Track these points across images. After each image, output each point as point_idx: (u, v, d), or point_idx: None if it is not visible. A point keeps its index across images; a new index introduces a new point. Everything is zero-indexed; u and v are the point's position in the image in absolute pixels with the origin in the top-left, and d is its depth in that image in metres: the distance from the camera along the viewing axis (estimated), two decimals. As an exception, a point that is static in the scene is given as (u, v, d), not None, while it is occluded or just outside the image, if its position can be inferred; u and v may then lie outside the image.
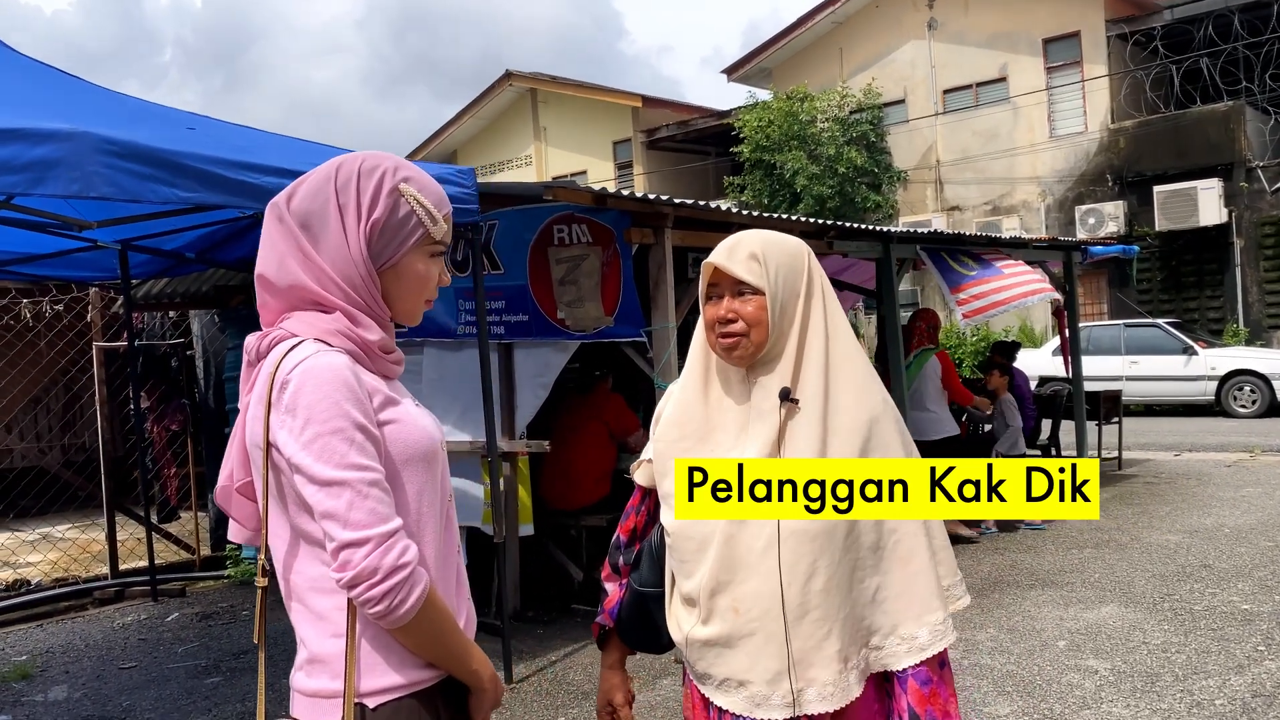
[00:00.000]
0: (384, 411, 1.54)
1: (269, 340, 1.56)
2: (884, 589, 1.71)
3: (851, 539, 1.69)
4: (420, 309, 1.67)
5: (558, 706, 4.48)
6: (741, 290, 1.74)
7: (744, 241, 1.77)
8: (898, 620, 1.70)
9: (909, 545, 1.72)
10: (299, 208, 1.57)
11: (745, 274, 1.73)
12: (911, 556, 1.72)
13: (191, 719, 4.53)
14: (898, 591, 1.71)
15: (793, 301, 1.74)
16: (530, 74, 26.33)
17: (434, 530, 1.60)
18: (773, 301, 1.72)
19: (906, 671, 1.69)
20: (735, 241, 1.78)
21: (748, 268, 1.73)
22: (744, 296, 1.73)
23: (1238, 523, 7.45)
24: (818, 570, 1.67)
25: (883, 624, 1.71)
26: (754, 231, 1.81)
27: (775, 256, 1.75)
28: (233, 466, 1.63)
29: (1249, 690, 4.21)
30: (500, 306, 5.82)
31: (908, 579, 1.72)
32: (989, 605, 5.68)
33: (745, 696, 1.71)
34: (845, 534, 1.69)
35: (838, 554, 1.68)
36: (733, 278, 1.74)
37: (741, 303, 1.73)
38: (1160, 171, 17.67)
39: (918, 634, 1.70)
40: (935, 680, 1.70)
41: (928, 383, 7.48)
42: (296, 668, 1.57)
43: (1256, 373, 14.62)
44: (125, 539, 7.52)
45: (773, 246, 1.76)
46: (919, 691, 1.68)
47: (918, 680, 1.69)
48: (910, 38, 20.88)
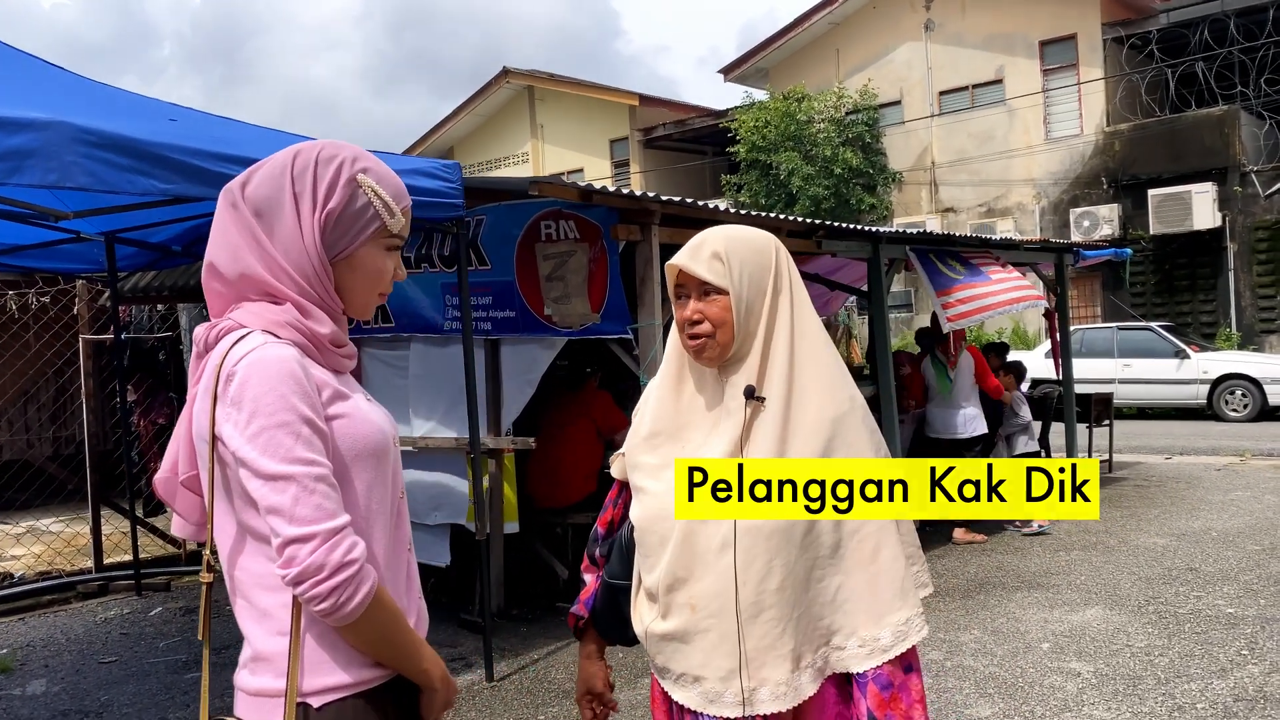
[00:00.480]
0: (333, 406, 1.51)
1: (217, 331, 1.53)
2: (845, 589, 1.69)
3: (810, 538, 1.67)
4: (374, 303, 1.65)
5: (538, 705, 4.46)
6: (707, 291, 1.72)
7: (708, 241, 1.74)
8: (858, 621, 1.68)
9: (873, 543, 1.70)
10: (254, 194, 1.54)
11: (708, 275, 1.71)
12: (875, 555, 1.69)
13: (170, 714, 4.52)
14: (859, 592, 1.69)
15: (759, 300, 1.72)
16: (528, 71, 26.31)
17: (383, 527, 1.57)
18: (737, 302, 1.70)
19: (866, 675, 1.66)
20: (700, 241, 1.76)
21: (710, 268, 1.71)
22: (709, 297, 1.72)
23: (1226, 526, 7.44)
24: (773, 569, 1.65)
25: (844, 624, 1.68)
26: (720, 229, 1.78)
27: (740, 254, 1.72)
28: (177, 458, 1.60)
29: (1231, 694, 4.20)
30: (488, 302, 5.80)
31: (870, 579, 1.69)
32: (974, 607, 5.67)
33: (700, 692, 1.70)
34: (804, 533, 1.67)
35: (794, 553, 1.66)
36: (697, 279, 1.72)
37: (707, 304, 1.71)
38: (1155, 175, 17.68)
39: (879, 635, 1.67)
40: (896, 685, 1.66)
41: (962, 378, 7.57)
42: (240, 666, 1.54)
43: (1248, 377, 14.63)
44: (111, 533, 7.49)
45: (738, 244, 1.74)
46: (878, 696, 1.65)
47: (878, 684, 1.66)
48: (907, 39, 20.88)
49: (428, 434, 6.04)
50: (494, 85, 26.43)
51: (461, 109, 27.22)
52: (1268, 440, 12.25)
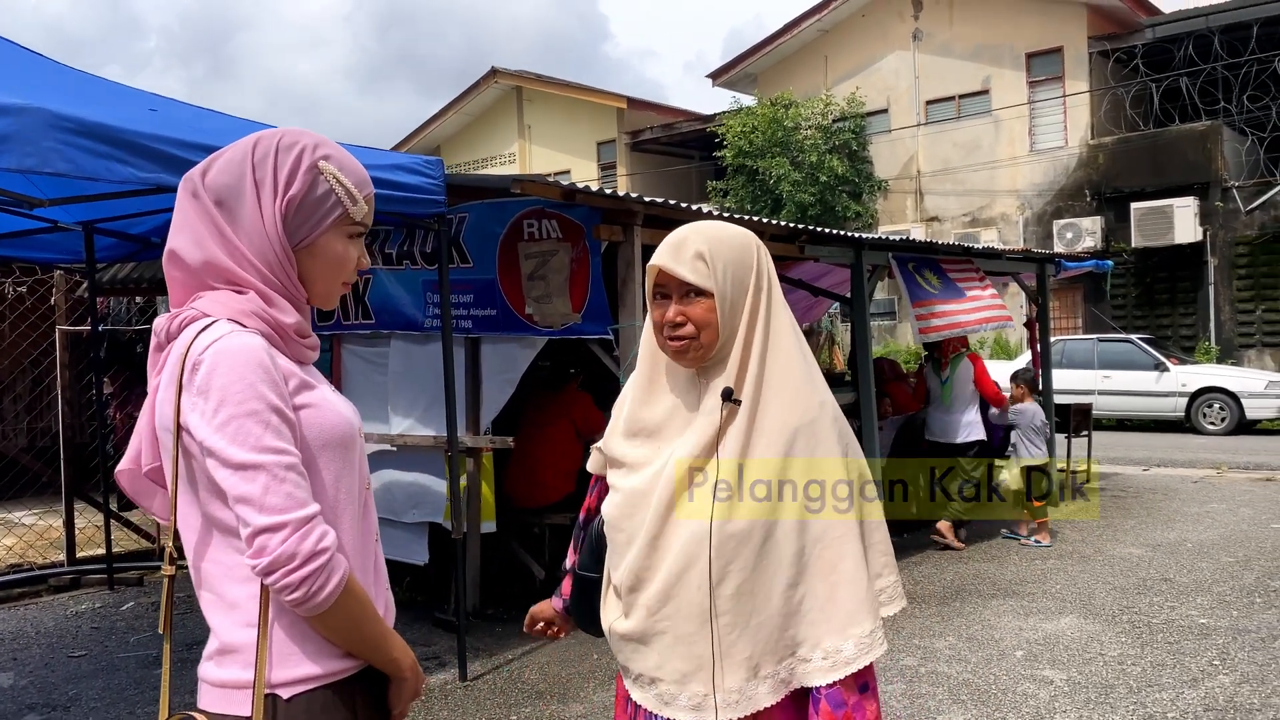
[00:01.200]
0: (300, 395, 1.50)
1: (179, 321, 1.51)
2: (809, 599, 1.64)
3: (770, 545, 1.63)
4: (337, 291, 1.63)
5: (511, 705, 4.44)
6: (689, 292, 1.67)
7: (690, 240, 1.69)
8: (822, 632, 1.63)
9: (836, 551, 1.65)
10: (214, 182, 1.52)
11: (692, 276, 1.66)
12: (838, 564, 1.64)
13: (139, 709, 4.47)
14: (821, 603, 1.64)
15: (742, 300, 1.68)
16: (516, 71, 26.26)
17: (351, 517, 1.56)
18: (722, 302, 1.66)
19: (820, 692, 1.61)
20: (681, 239, 1.70)
21: (694, 269, 1.66)
22: (692, 298, 1.67)
23: (1201, 538, 7.49)
24: (729, 575, 1.62)
25: (808, 636, 1.64)
26: (700, 226, 1.74)
27: (723, 254, 1.68)
28: (140, 450, 1.58)
29: (1201, 704, 4.22)
30: (469, 300, 5.78)
31: (831, 589, 1.64)
32: (949, 614, 5.68)
33: (655, 694, 1.69)
34: (763, 540, 1.63)
35: (752, 560, 1.62)
36: (679, 280, 1.68)
37: (690, 305, 1.67)
38: (1138, 188, 17.80)
39: (842, 647, 1.61)
40: (850, 706, 1.60)
41: (961, 386, 7.66)
42: (206, 658, 1.52)
43: (1227, 390, 14.74)
44: (84, 526, 7.42)
45: (720, 243, 1.69)
46: (831, 715, 1.60)
47: (831, 704, 1.60)
48: (895, 48, 20.97)
49: (406, 431, 6.02)
50: (482, 85, 26.37)
51: (449, 108, 27.15)
52: (1244, 454, 12.34)
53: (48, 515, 8.32)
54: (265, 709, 1.44)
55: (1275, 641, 5.01)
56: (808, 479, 1.67)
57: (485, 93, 26.51)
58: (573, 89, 25.53)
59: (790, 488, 1.65)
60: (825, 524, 1.66)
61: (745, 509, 1.63)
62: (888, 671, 4.67)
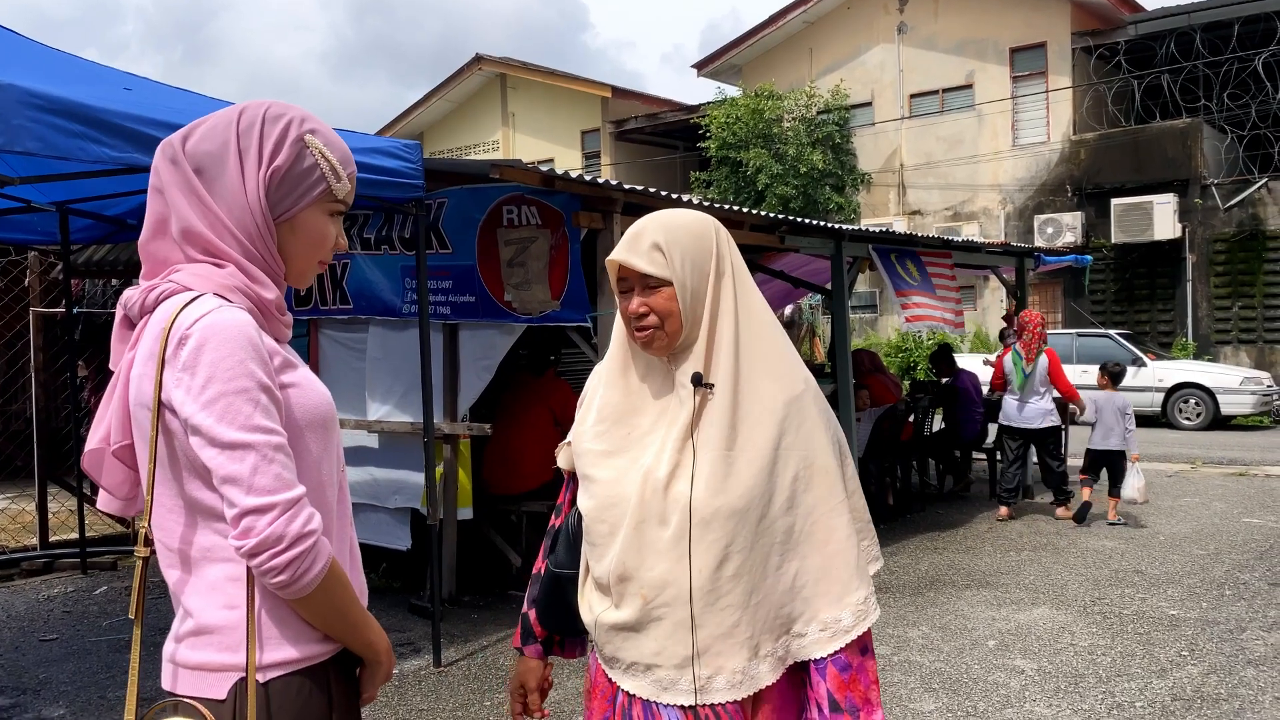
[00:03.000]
0: (284, 374, 1.48)
1: (157, 294, 1.47)
2: (803, 574, 1.68)
3: (766, 523, 1.66)
4: (313, 271, 1.61)
5: (484, 690, 4.44)
6: (649, 284, 1.69)
7: (646, 231, 1.72)
8: (819, 606, 1.67)
9: (827, 525, 1.69)
10: (195, 149, 1.50)
11: (650, 268, 1.69)
12: (830, 536, 1.69)
13: (109, 693, 4.44)
14: (817, 576, 1.68)
15: (702, 285, 1.70)
16: (500, 59, 26.12)
17: (332, 498, 1.55)
18: (682, 290, 1.68)
19: (825, 659, 1.66)
20: (638, 232, 1.73)
21: (651, 260, 1.69)
22: (653, 289, 1.69)
23: (1173, 531, 7.56)
24: (729, 557, 1.64)
25: (803, 611, 1.67)
26: (657, 216, 1.76)
27: (680, 241, 1.70)
28: (109, 429, 1.53)
29: (1169, 694, 4.27)
30: (447, 286, 5.75)
31: (827, 560, 1.68)
32: (923, 603, 5.71)
33: (652, 680, 1.68)
34: (758, 520, 1.66)
35: (750, 538, 1.65)
36: (638, 272, 1.70)
37: (651, 296, 1.69)
38: (1118, 184, 17.91)
39: (840, 616, 1.66)
40: (855, 667, 1.67)
41: (1040, 377, 8.32)
42: (176, 640, 1.48)
43: (1202, 386, 14.87)
44: (58, 510, 7.37)
45: (677, 231, 1.71)
46: (839, 678, 1.65)
47: (837, 666, 1.65)
48: (880, 41, 20.98)
49: (384, 417, 6.00)
50: (466, 71, 26.22)
51: (433, 94, 26.98)
52: (1218, 449, 12.46)
53: (20, 499, 8.24)
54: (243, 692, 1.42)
55: (1243, 633, 5.07)
56: (798, 454, 1.69)
57: (469, 80, 26.36)
58: (557, 77, 25.42)
59: (782, 464, 1.67)
60: (816, 498, 1.69)
61: (739, 489, 1.64)
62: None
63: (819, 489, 1.69)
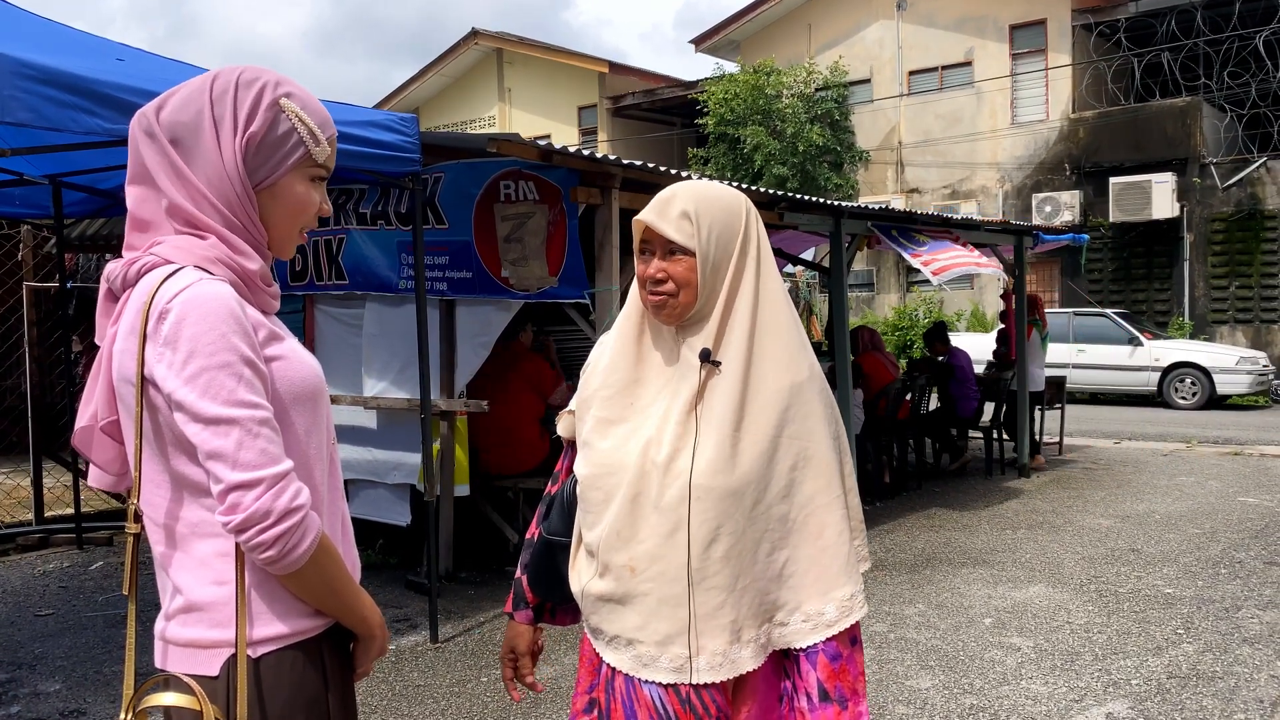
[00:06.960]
0: (269, 347, 1.45)
1: (139, 267, 1.45)
2: (792, 563, 1.67)
3: (760, 508, 1.65)
4: (294, 240, 1.58)
5: (481, 666, 4.45)
6: (672, 250, 1.67)
7: (678, 197, 1.70)
8: (804, 597, 1.66)
9: (821, 518, 1.68)
10: (170, 119, 1.46)
11: (676, 235, 1.66)
12: (824, 529, 1.67)
13: (105, 668, 4.44)
14: (806, 567, 1.66)
15: (725, 262, 1.68)
16: (497, 33, 25.91)
17: (321, 472, 1.53)
18: (703, 263, 1.66)
19: (816, 647, 1.65)
20: (669, 196, 1.71)
21: (679, 227, 1.67)
22: (675, 256, 1.67)
23: (1169, 510, 7.58)
24: (720, 537, 1.63)
25: (789, 600, 1.66)
26: (690, 185, 1.74)
27: (710, 214, 1.68)
28: (96, 406, 1.51)
29: (1165, 671, 4.28)
30: (444, 262, 5.71)
31: (818, 553, 1.67)
32: (920, 581, 5.72)
33: (633, 655, 1.67)
34: (752, 505, 1.64)
35: (743, 522, 1.63)
36: (663, 237, 1.68)
37: (672, 262, 1.67)
38: (1117, 163, 17.85)
39: (824, 610, 1.65)
40: (845, 657, 1.66)
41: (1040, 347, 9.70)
42: (166, 617, 1.47)
43: (1198, 365, 14.89)
44: (53, 485, 7.34)
45: (708, 203, 1.69)
46: (829, 667, 1.64)
47: (828, 655, 1.64)
48: (879, 17, 20.84)
49: (381, 393, 5.98)
50: (462, 46, 26.01)
51: (428, 69, 26.78)
52: (1214, 428, 12.49)
53: (15, 474, 8.22)
54: (234, 668, 1.41)
55: (1238, 611, 5.08)
56: (799, 443, 1.67)
57: (465, 55, 26.16)
58: (554, 52, 25.24)
59: (782, 452, 1.66)
60: (813, 489, 1.68)
61: (739, 470, 1.63)
62: (857, 637, 4.70)
63: (816, 481, 1.68)
